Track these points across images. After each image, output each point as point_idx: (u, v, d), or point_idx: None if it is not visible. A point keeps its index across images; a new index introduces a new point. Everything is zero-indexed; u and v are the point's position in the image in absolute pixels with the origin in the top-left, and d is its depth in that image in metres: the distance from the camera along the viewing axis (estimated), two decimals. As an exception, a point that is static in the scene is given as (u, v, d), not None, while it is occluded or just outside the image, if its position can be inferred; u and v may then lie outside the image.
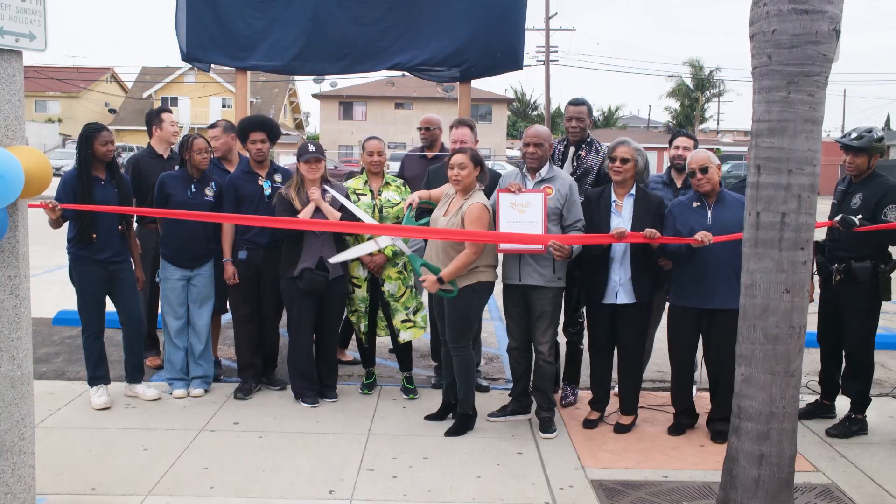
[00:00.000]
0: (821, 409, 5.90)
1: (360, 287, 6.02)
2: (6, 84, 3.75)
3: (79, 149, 5.61)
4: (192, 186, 5.95)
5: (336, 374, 6.17)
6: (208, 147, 6.03)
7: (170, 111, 6.90)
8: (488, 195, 5.56)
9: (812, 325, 5.73)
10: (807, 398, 6.02)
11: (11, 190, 3.62)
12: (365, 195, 5.98)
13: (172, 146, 6.71)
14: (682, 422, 5.55)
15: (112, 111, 54.24)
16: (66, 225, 5.58)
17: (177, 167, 6.14)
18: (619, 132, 49.81)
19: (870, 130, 5.43)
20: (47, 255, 10.40)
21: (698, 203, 5.30)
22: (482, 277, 5.32)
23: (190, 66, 7.93)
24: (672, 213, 5.36)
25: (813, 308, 5.29)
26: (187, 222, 5.87)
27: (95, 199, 5.50)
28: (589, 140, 6.01)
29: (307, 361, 5.96)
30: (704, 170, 5.21)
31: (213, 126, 6.69)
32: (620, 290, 5.37)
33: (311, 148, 5.78)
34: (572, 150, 5.97)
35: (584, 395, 5.99)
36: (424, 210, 5.72)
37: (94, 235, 5.55)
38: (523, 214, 5.22)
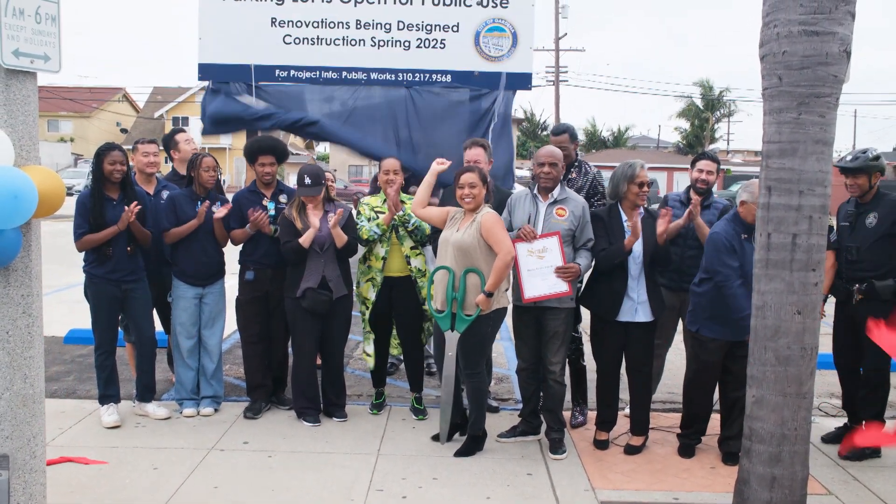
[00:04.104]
0: (849, 432, 5.78)
1: (368, 309, 6.02)
2: (21, 105, 3.79)
3: (92, 169, 5.67)
4: (199, 204, 5.98)
5: (344, 394, 6.16)
6: (216, 165, 6.08)
7: (183, 130, 6.91)
8: (499, 213, 5.57)
9: (825, 347, 5.71)
10: (821, 420, 5.97)
11: (25, 209, 3.64)
12: (383, 213, 5.97)
13: None
14: (690, 442, 5.51)
15: (124, 131, 54.62)
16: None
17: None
18: (629, 152, 49.72)
19: (864, 151, 5.46)
20: (59, 273, 10.47)
21: (747, 236, 5.20)
22: (502, 303, 5.33)
23: (201, 86, 7.91)
24: (732, 247, 5.14)
25: (825, 329, 5.26)
26: (199, 239, 5.94)
27: (107, 219, 5.55)
28: (577, 162, 6.11)
29: (309, 381, 5.96)
30: None
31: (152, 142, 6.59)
32: (639, 308, 5.37)
33: (307, 181, 5.75)
34: None
35: (593, 415, 5.96)
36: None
37: (110, 250, 5.59)
38: (542, 261, 5.24)
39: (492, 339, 5.47)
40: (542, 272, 5.25)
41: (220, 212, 5.93)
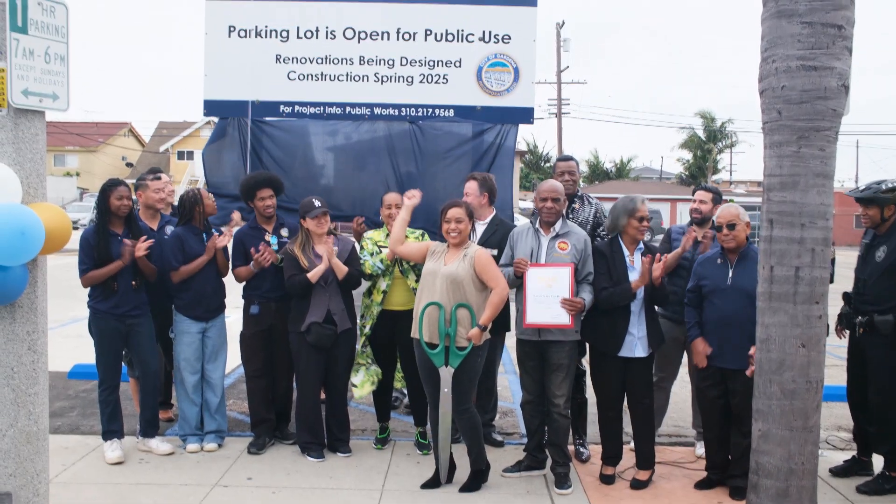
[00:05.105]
0: (858, 465, 5.74)
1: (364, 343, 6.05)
2: (29, 143, 3.84)
3: (97, 204, 5.71)
4: (205, 237, 6.03)
5: (348, 429, 6.13)
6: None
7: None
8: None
9: (838, 379, 5.69)
10: (829, 454, 5.92)
11: (32, 246, 3.68)
12: (386, 247, 5.98)
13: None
14: (713, 477, 5.46)
15: (129, 165, 54.99)
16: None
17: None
18: (632, 184, 49.85)
19: (879, 182, 5.45)
20: (65, 307, 10.50)
21: (721, 260, 5.31)
22: (488, 334, 5.32)
23: (206, 120, 7.99)
24: (696, 270, 5.41)
25: (836, 361, 5.24)
26: (204, 273, 5.96)
27: (112, 254, 5.58)
28: (580, 194, 6.19)
29: (313, 415, 5.94)
30: (731, 226, 5.20)
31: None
32: (638, 343, 5.37)
33: (318, 203, 5.83)
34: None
35: (598, 449, 5.92)
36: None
37: (115, 285, 5.62)
38: (550, 289, 5.25)
39: (479, 373, 5.43)
40: (548, 300, 5.25)
41: (222, 240, 5.97)
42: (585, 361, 6.06)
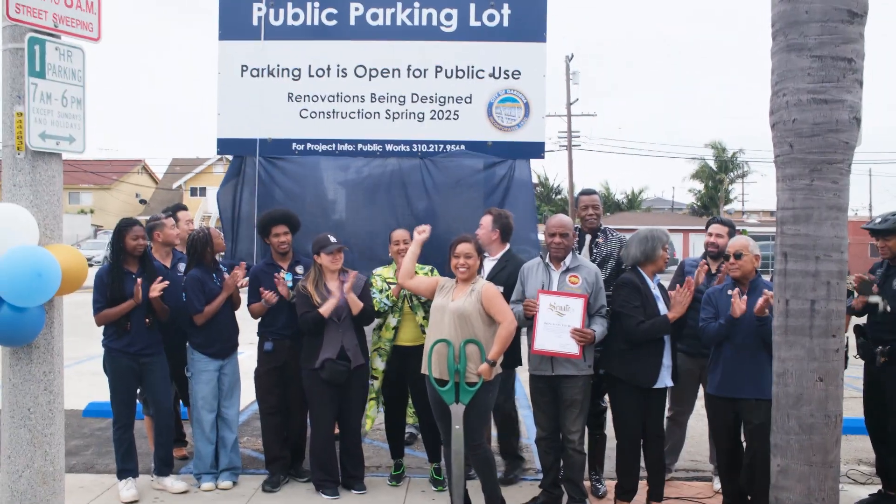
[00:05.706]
0: (885, 500, 5.63)
1: (377, 378, 6.03)
2: (46, 185, 3.89)
3: (112, 243, 5.75)
4: (215, 276, 6.06)
5: (363, 465, 6.09)
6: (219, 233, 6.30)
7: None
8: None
9: (857, 411, 5.63)
10: (850, 488, 5.83)
11: (49, 288, 3.71)
12: (395, 283, 6.00)
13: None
14: None
15: (143, 202, 55.42)
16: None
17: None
18: (644, 215, 49.85)
19: (894, 214, 5.44)
20: (81, 345, 10.51)
21: (731, 291, 5.29)
22: (497, 369, 5.29)
23: (219, 157, 8.05)
24: (710, 298, 5.40)
25: (853, 393, 5.18)
26: (222, 312, 5.98)
27: (126, 293, 5.61)
28: (602, 227, 6.19)
29: (328, 452, 5.91)
30: (738, 255, 5.21)
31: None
32: (666, 372, 5.37)
33: (333, 239, 5.86)
34: (588, 237, 6.08)
35: (610, 484, 5.85)
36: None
37: (129, 324, 5.64)
38: (561, 318, 5.24)
39: (490, 408, 5.39)
40: (558, 329, 5.23)
41: (239, 277, 6.01)
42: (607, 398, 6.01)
